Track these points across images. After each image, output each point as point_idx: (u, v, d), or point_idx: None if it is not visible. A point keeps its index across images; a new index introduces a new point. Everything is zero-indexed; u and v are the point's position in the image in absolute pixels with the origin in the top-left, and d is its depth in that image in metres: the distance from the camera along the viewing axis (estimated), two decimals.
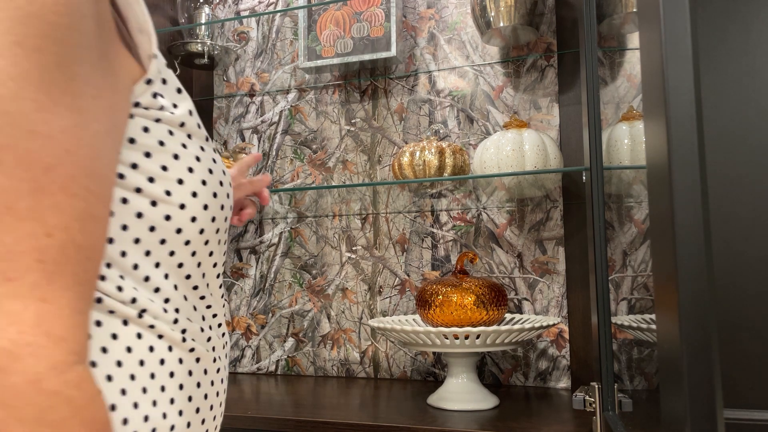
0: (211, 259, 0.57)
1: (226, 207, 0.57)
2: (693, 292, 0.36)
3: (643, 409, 1.01)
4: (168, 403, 0.50)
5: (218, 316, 0.61)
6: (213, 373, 0.57)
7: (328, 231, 1.58)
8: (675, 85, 0.38)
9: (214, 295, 0.59)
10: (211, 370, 0.57)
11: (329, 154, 1.60)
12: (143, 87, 0.49)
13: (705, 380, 0.35)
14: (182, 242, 0.52)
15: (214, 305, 0.60)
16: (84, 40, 0.42)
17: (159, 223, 0.50)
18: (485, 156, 1.26)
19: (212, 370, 0.57)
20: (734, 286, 1.05)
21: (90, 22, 0.43)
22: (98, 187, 0.43)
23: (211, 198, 0.54)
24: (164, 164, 0.50)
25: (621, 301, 1.34)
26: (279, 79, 1.67)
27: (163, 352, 0.51)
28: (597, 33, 1.30)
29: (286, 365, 1.59)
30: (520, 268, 1.42)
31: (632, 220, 1.34)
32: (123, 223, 0.48)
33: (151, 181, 0.49)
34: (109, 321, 0.47)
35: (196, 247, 0.54)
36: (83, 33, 0.42)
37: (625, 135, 1.17)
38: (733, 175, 1.06)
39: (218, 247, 0.58)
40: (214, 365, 0.57)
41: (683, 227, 0.36)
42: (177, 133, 0.51)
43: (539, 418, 1.10)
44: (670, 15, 0.38)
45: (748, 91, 1.06)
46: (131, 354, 0.48)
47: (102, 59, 0.44)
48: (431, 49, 1.54)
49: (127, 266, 0.49)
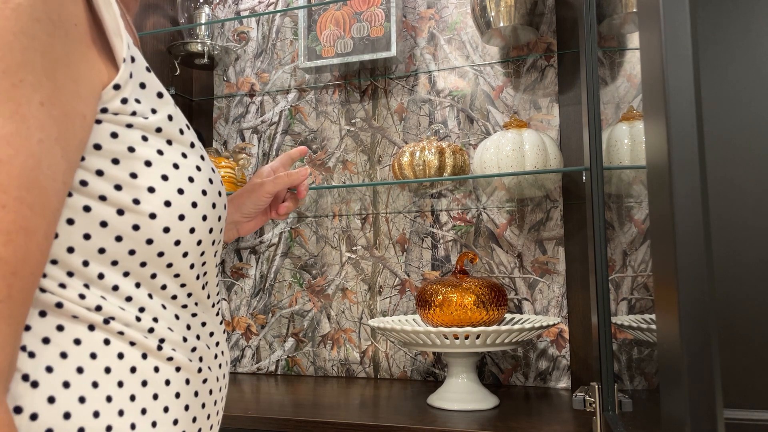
0: (192, 272, 0.54)
1: (210, 217, 0.53)
2: (693, 292, 0.36)
3: (643, 409, 1.01)
4: (139, 413, 0.48)
5: (208, 324, 0.57)
6: (197, 383, 0.54)
7: (328, 231, 1.58)
8: (675, 85, 0.38)
9: (201, 304, 0.56)
10: (194, 381, 0.54)
11: (329, 154, 1.60)
12: (111, 92, 0.46)
13: (705, 380, 0.35)
14: (154, 253, 0.49)
15: (203, 314, 0.57)
16: (35, 45, 0.41)
17: (126, 233, 0.47)
18: (485, 156, 1.26)
19: (196, 381, 0.54)
20: (734, 286, 1.05)
21: (44, 26, 0.41)
22: (36, 199, 0.40)
23: (190, 208, 0.51)
24: (134, 171, 0.47)
25: (621, 301, 1.34)
26: (279, 79, 1.67)
27: (136, 360, 0.48)
28: (597, 33, 1.30)
29: (286, 365, 1.59)
30: (520, 268, 1.42)
31: (632, 220, 1.34)
32: (85, 232, 0.46)
33: (118, 189, 0.47)
34: (72, 326, 0.46)
35: (172, 259, 0.51)
36: (34, 37, 0.41)
37: (625, 135, 1.17)
38: (733, 175, 1.06)
39: (203, 259, 0.55)
40: (198, 376, 0.54)
41: (683, 227, 0.36)
42: (152, 138, 0.49)
43: (539, 418, 1.10)
44: (670, 15, 0.38)
45: (748, 91, 1.06)
46: (95, 360, 0.46)
47: (60, 64, 0.42)
48: (431, 49, 1.54)
49: (92, 275, 0.47)
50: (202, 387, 0.55)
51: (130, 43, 0.49)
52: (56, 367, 0.44)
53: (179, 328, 0.53)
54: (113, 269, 0.48)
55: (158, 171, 0.49)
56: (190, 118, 1.75)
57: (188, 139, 0.53)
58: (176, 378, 0.52)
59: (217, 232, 0.55)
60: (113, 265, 0.48)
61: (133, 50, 0.49)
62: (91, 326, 0.47)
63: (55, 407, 0.44)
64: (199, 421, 0.54)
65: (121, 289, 0.48)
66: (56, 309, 0.45)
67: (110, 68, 0.47)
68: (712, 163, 1.08)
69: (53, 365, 0.44)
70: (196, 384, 0.54)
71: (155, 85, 0.51)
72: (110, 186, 0.46)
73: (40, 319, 0.45)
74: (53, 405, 0.44)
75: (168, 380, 0.51)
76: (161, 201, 0.49)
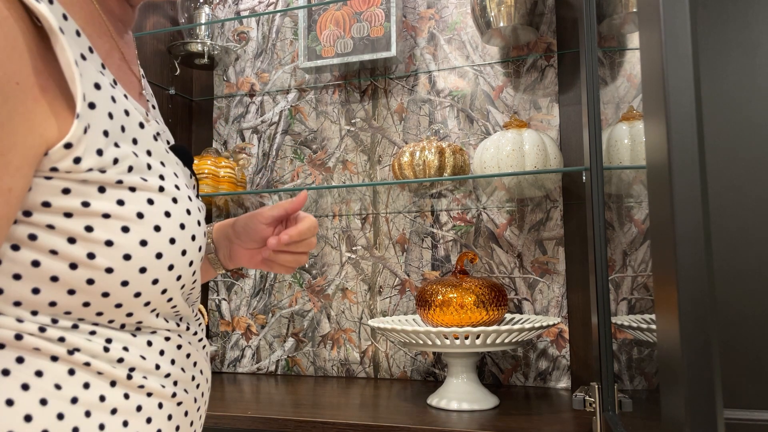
0: (157, 318, 0.51)
1: (178, 265, 0.50)
2: (693, 292, 0.36)
3: (643, 409, 1.01)
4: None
5: (184, 347, 0.56)
6: (171, 407, 0.53)
7: (328, 231, 1.58)
8: (675, 85, 0.38)
9: (173, 331, 0.55)
10: (168, 405, 0.52)
11: (329, 154, 1.60)
12: (61, 152, 0.43)
13: (705, 380, 0.35)
14: (111, 305, 0.47)
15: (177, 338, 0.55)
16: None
17: (80, 287, 0.45)
18: (485, 156, 1.26)
19: (170, 405, 0.52)
20: (734, 286, 1.05)
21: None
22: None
23: (153, 259, 0.48)
24: (89, 224, 0.45)
25: (621, 301, 1.34)
26: (279, 79, 1.67)
27: (104, 389, 0.47)
28: (597, 33, 1.30)
29: (286, 365, 1.59)
30: (520, 268, 1.42)
31: (632, 220, 1.34)
32: (34, 286, 0.44)
33: (72, 242, 0.44)
34: (32, 359, 0.44)
35: (131, 309, 0.49)
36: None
37: (625, 135, 1.17)
38: (733, 175, 1.06)
39: (171, 303, 0.52)
40: (173, 400, 0.53)
41: (683, 227, 0.36)
42: (111, 190, 0.46)
43: (539, 418, 1.10)
44: (670, 15, 0.38)
45: (748, 91, 1.06)
46: (60, 391, 0.45)
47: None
48: (431, 49, 1.54)
49: (45, 321, 0.45)
50: (177, 410, 0.53)
51: (87, 86, 0.45)
52: (18, 400, 0.43)
53: (151, 355, 0.51)
54: (67, 317, 0.46)
55: (117, 224, 0.46)
56: (190, 118, 1.75)
57: (155, 184, 0.49)
58: (148, 403, 0.50)
59: (187, 276, 0.52)
60: (66, 314, 0.46)
61: (93, 95, 0.45)
62: (53, 357, 0.45)
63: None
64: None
65: (81, 327, 0.47)
66: (15, 342, 0.44)
67: (67, 117, 0.44)
68: (712, 163, 1.08)
69: (15, 398, 0.43)
70: (169, 408, 0.52)
71: (116, 129, 0.47)
72: (62, 240, 0.44)
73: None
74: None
75: (139, 406, 0.50)
76: (120, 254, 0.46)
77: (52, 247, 0.44)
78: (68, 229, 0.44)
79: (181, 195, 0.52)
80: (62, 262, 0.44)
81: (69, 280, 0.45)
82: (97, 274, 0.45)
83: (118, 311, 0.48)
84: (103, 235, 0.45)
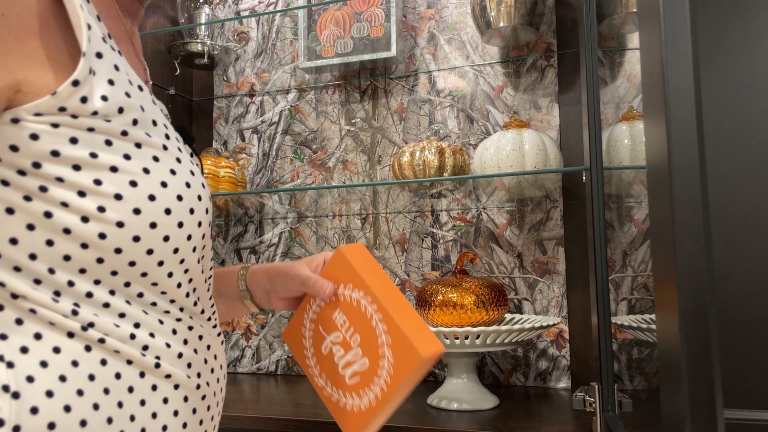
0: (171, 280, 0.51)
1: (188, 224, 0.51)
2: (693, 292, 0.36)
3: (643, 409, 1.01)
4: (127, 420, 0.47)
5: (205, 337, 0.56)
6: (188, 390, 0.53)
7: (328, 231, 1.58)
8: (675, 85, 0.38)
9: (195, 317, 0.55)
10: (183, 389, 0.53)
11: (329, 154, 1.60)
12: (69, 89, 0.44)
13: (705, 380, 0.35)
14: (126, 263, 0.47)
15: (199, 328, 0.55)
16: None
17: (92, 241, 0.46)
18: (485, 156, 1.26)
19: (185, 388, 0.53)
20: (734, 286, 1.05)
21: None
22: None
23: (162, 215, 0.48)
24: (97, 178, 0.45)
25: (621, 301, 1.34)
26: (279, 79, 1.67)
27: (120, 368, 0.47)
28: (597, 33, 1.30)
29: (286, 365, 1.59)
30: (520, 268, 1.42)
31: (632, 220, 1.34)
32: (48, 238, 0.45)
33: (81, 196, 0.45)
34: (50, 335, 0.45)
35: (146, 268, 0.49)
36: None
37: (625, 135, 1.17)
38: (733, 175, 1.06)
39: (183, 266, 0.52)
40: (189, 381, 0.53)
41: (683, 227, 0.36)
42: (117, 142, 0.46)
43: (539, 418, 1.10)
44: (670, 15, 0.38)
45: (748, 91, 1.06)
46: (78, 368, 0.45)
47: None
48: (431, 49, 1.54)
49: (61, 282, 0.46)
50: (194, 393, 0.54)
51: (93, 37, 0.46)
52: (37, 376, 0.43)
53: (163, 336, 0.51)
54: (83, 278, 0.46)
55: (125, 177, 0.46)
56: (190, 118, 1.75)
57: (159, 142, 0.50)
58: (163, 385, 0.51)
59: (198, 237, 0.52)
60: (81, 273, 0.46)
61: (100, 46, 0.47)
62: (70, 333, 0.46)
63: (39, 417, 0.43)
64: (189, 427, 0.53)
65: (96, 296, 0.47)
66: (31, 315, 0.44)
67: (68, 65, 0.45)
68: (712, 163, 1.08)
69: (35, 374, 0.43)
70: (186, 390, 0.53)
71: (123, 83, 0.48)
72: (72, 192, 0.45)
73: (17, 327, 0.44)
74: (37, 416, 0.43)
75: (155, 386, 0.50)
76: (129, 208, 0.46)
77: (63, 199, 0.44)
78: (78, 182, 0.44)
79: (184, 157, 0.52)
80: (74, 215, 0.45)
81: (81, 233, 0.45)
82: (108, 228, 0.46)
83: (132, 270, 0.48)
84: (112, 189, 0.45)
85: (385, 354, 0.62)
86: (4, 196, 0.43)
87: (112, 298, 0.48)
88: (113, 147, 0.46)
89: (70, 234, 0.45)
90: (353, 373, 0.65)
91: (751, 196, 1.05)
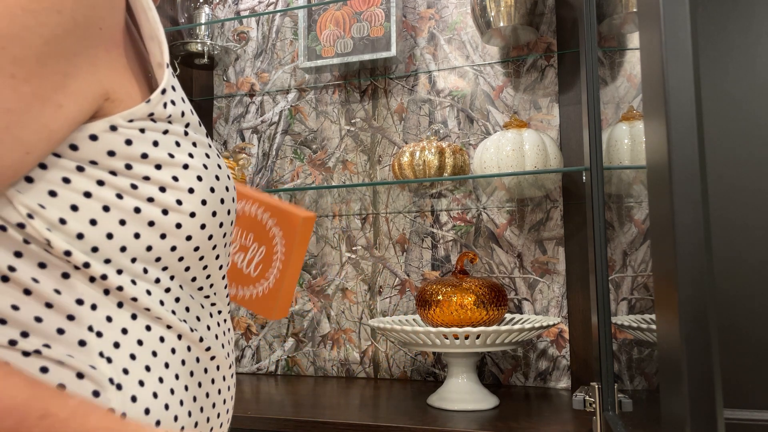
0: (216, 263, 0.58)
1: (233, 212, 0.58)
2: (693, 292, 0.36)
3: (643, 409, 1.01)
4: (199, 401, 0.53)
5: (222, 312, 0.61)
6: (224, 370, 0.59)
7: (328, 231, 1.58)
8: (675, 85, 0.38)
9: (219, 294, 0.60)
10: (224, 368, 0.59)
11: (329, 154, 1.60)
12: (159, 97, 0.50)
13: (705, 380, 0.35)
14: (191, 248, 0.53)
15: (219, 303, 0.61)
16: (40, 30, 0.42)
17: (170, 230, 0.51)
18: (485, 156, 1.26)
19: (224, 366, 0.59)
20: (734, 287, 1.05)
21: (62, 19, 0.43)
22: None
23: (218, 204, 0.55)
24: (175, 175, 0.51)
25: (621, 301, 1.34)
26: (279, 79, 1.67)
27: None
28: (597, 33, 1.30)
29: (286, 365, 1.59)
30: (520, 268, 1.42)
31: (632, 220, 1.34)
32: (135, 231, 0.50)
33: (162, 191, 0.51)
34: (132, 328, 0.49)
35: (204, 252, 0.55)
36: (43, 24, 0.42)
37: (625, 135, 1.17)
38: (733, 175, 1.06)
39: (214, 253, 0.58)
40: (225, 361, 0.59)
41: (683, 227, 0.36)
42: (183, 143, 0.53)
43: (539, 418, 1.10)
44: (670, 15, 0.38)
45: (749, 91, 1.06)
46: (156, 359, 0.51)
47: (58, 55, 0.43)
48: (431, 49, 1.54)
49: (137, 271, 0.50)
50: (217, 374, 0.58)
51: (166, 49, 0.52)
52: (130, 368, 0.48)
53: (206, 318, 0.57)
54: (156, 265, 0.52)
55: (193, 173, 0.53)
56: None
57: (205, 141, 0.56)
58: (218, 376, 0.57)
59: (228, 226, 0.58)
60: (156, 261, 0.51)
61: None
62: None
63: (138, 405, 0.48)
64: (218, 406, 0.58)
65: (161, 282, 0.52)
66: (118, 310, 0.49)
67: (142, 79, 0.50)
68: (712, 163, 1.08)
69: (128, 367, 0.48)
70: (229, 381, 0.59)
71: (180, 89, 0.54)
72: (155, 188, 0.50)
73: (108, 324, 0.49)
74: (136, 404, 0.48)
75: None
76: (199, 200, 0.53)
77: (150, 195, 0.50)
78: (160, 179, 0.50)
79: (211, 153, 0.58)
80: (157, 208, 0.50)
81: (162, 224, 0.51)
82: (184, 218, 0.52)
83: (194, 255, 0.54)
84: (186, 184, 0.52)
85: (274, 234, 0.73)
86: (101, 194, 0.48)
87: (171, 282, 0.53)
88: (181, 147, 0.52)
89: (153, 226, 0.50)
90: (257, 264, 0.75)
91: (751, 196, 1.05)
